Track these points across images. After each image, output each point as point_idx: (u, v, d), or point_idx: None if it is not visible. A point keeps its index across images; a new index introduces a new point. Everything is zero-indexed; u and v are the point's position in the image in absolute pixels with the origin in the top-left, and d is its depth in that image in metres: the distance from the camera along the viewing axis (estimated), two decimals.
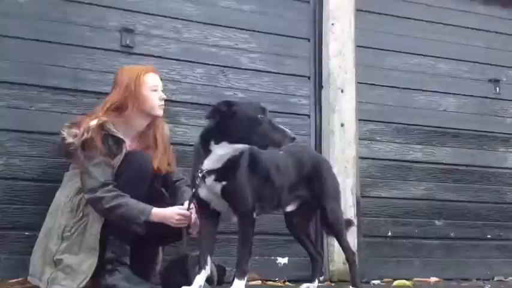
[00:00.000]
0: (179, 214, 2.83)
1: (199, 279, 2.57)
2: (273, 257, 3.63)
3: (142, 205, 2.82)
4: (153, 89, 3.04)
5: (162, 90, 3.09)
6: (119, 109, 2.98)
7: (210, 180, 2.54)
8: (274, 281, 3.59)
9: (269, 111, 3.85)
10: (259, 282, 3.38)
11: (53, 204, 2.96)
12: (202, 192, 2.59)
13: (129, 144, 2.98)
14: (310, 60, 4.11)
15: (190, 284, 2.58)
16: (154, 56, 3.65)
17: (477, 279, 4.22)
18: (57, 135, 2.99)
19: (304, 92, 4.07)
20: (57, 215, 2.89)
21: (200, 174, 2.53)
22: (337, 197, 3.03)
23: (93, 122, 2.87)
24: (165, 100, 3.17)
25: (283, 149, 2.77)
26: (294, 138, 2.40)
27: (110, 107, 2.97)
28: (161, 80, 3.13)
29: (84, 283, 2.75)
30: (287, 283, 3.56)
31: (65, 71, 3.40)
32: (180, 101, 3.67)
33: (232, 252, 3.39)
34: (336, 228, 2.95)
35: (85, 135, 2.84)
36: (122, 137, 2.90)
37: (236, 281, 2.49)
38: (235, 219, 2.63)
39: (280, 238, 3.69)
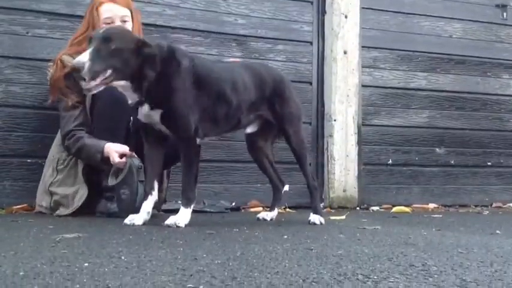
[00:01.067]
0: (117, 152, 2.73)
1: (147, 206, 2.51)
2: None
3: (96, 143, 2.77)
4: (106, 22, 2.86)
5: (121, 22, 2.87)
6: (82, 42, 2.82)
7: (146, 109, 2.42)
8: None
9: (270, 38, 3.83)
10: (261, 209, 3.44)
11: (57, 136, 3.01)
12: (143, 118, 2.47)
13: None
14: None
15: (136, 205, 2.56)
16: None
17: (475, 206, 4.29)
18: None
19: (306, 18, 3.97)
20: (53, 147, 2.97)
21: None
22: (300, 120, 2.85)
23: (54, 67, 2.87)
24: (163, 26, 3.09)
25: (241, 64, 2.69)
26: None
27: (73, 41, 2.94)
28: (127, 6, 2.94)
29: (73, 210, 2.83)
30: (288, 210, 3.62)
31: None
32: (179, 27, 3.59)
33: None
34: (298, 152, 2.80)
35: (49, 75, 2.88)
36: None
37: (182, 209, 2.42)
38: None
39: (281, 166, 3.70)
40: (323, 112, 3.95)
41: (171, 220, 2.37)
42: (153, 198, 2.53)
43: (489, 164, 4.44)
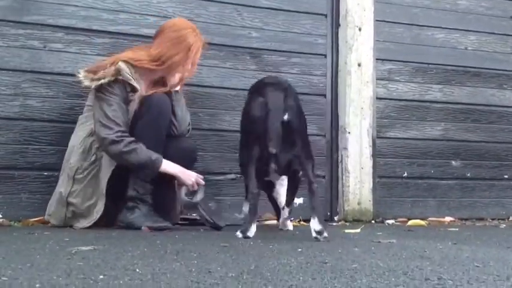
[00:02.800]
0: (197, 178, 2.93)
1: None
2: None
3: (156, 153, 2.86)
4: (194, 60, 3.06)
5: None
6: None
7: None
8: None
9: (284, 51, 3.85)
10: (275, 221, 3.43)
11: (69, 146, 3.02)
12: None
13: (144, 89, 2.98)
14: None
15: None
16: None
17: (492, 219, 4.24)
18: (71, 76, 3.07)
19: (320, 31, 3.98)
20: (70, 156, 2.96)
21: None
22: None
23: (111, 68, 2.86)
24: None
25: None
26: None
27: (149, 59, 2.96)
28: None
29: (91, 223, 2.85)
30: (302, 223, 3.60)
31: (78, 10, 3.36)
32: None
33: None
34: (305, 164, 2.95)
35: (102, 80, 2.84)
36: (136, 85, 2.90)
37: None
38: None
39: None
40: (337, 125, 3.94)
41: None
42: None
43: (506, 177, 4.39)
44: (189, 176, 2.93)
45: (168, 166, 2.89)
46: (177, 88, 3.08)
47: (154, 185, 2.93)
